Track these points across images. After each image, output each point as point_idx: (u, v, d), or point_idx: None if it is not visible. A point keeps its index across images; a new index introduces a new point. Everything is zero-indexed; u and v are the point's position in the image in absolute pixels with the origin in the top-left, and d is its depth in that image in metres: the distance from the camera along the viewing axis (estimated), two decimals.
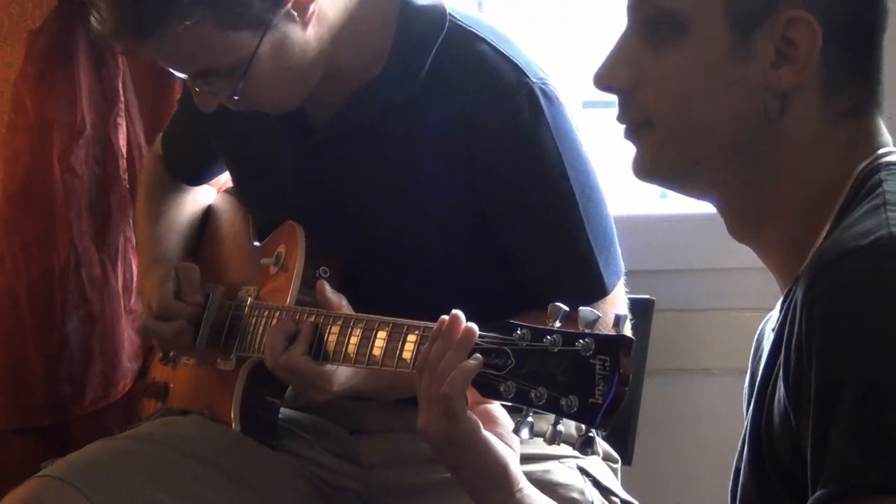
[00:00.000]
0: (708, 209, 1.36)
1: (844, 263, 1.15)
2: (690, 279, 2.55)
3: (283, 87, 1.86)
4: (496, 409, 1.50)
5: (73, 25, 2.47)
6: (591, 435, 1.38)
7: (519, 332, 1.42)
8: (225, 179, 2.28)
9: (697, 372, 2.55)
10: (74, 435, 2.48)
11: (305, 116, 1.96)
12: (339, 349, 1.78)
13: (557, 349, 1.38)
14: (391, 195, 1.93)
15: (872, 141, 1.29)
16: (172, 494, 1.83)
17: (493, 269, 1.93)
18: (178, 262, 2.13)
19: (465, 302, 1.50)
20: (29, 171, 2.49)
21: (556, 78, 1.93)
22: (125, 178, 2.52)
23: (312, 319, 1.83)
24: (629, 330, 1.48)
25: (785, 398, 1.19)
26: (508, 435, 1.48)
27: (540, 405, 1.38)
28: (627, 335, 1.35)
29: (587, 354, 1.35)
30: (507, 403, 1.44)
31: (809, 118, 1.27)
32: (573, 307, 1.39)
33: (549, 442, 1.40)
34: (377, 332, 1.72)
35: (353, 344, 1.76)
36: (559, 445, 1.47)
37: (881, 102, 1.30)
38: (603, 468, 1.96)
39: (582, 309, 1.37)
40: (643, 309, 2.21)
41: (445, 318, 1.48)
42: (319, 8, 1.83)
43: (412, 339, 1.66)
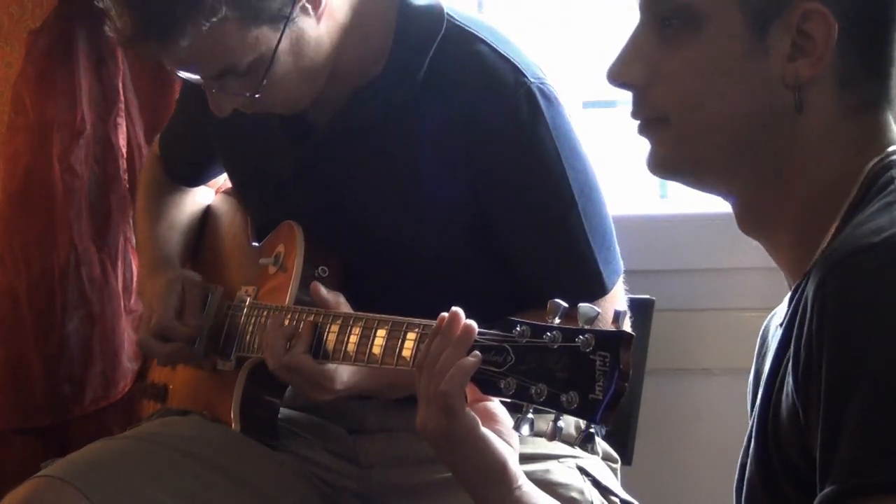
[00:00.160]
0: (708, 209, 1.36)
1: (856, 261, 1.15)
2: (690, 279, 2.55)
3: (299, 85, 1.87)
4: (495, 406, 1.50)
5: (73, 25, 2.47)
6: (591, 431, 1.38)
7: (518, 328, 1.42)
8: (223, 181, 2.28)
9: (697, 372, 2.55)
10: (74, 435, 2.47)
11: (305, 116, 1.96)
12: (338, 348, 1.78)
13: (557, 345, 1.37)
14: (391, 195, 1.93)
15: (883, 137, 1.28)
16: (172, 494, 1.83)
17: (492, 268, 1.93)
18: (181, 266, 2.13)
19: (464, 301, 1.50)
20: (29, 171, 2.48)
21: (554, 78, 1.93)
22: (125, 178, 2.52)
23: (312, 319, 1.83)
24: (629, 326, 1.48)
25: (794, 393, 1.19)
26: (507, 432, 1.47)
27: (540, 401, 1.38)
28: (627, 331, 1.35)
29: (587, 350, 1.35)
30: (507, 400, 1.44)
31: (824, 112, 1.27)
32: (573, 304, 1.39)
33: (549, 438, 1.40)
34: (377, 330, 1.72)
35: (352, 342, 1.76)
36: (559, 443, 1.47)
37: (892, 98, 1.30)
38: (602, 468, 1.95)
39: (582, 305, 1.37)
40: (643, 309, 2.21)
41: (445, 315, 1.48)
42: (329, 2, 1.84)
43: (412, 336, 1.66)
